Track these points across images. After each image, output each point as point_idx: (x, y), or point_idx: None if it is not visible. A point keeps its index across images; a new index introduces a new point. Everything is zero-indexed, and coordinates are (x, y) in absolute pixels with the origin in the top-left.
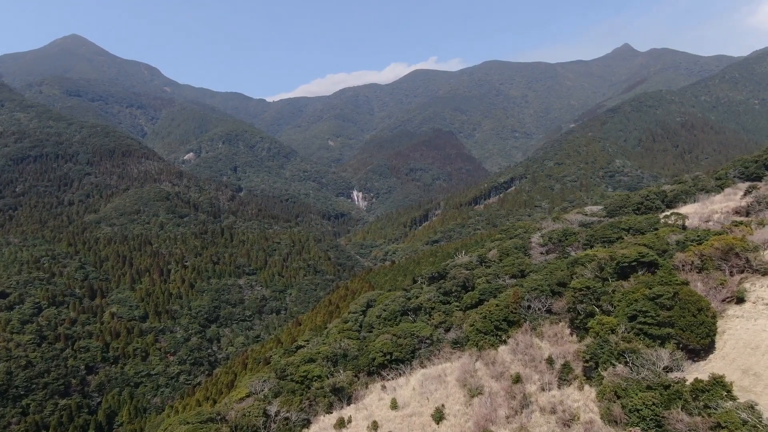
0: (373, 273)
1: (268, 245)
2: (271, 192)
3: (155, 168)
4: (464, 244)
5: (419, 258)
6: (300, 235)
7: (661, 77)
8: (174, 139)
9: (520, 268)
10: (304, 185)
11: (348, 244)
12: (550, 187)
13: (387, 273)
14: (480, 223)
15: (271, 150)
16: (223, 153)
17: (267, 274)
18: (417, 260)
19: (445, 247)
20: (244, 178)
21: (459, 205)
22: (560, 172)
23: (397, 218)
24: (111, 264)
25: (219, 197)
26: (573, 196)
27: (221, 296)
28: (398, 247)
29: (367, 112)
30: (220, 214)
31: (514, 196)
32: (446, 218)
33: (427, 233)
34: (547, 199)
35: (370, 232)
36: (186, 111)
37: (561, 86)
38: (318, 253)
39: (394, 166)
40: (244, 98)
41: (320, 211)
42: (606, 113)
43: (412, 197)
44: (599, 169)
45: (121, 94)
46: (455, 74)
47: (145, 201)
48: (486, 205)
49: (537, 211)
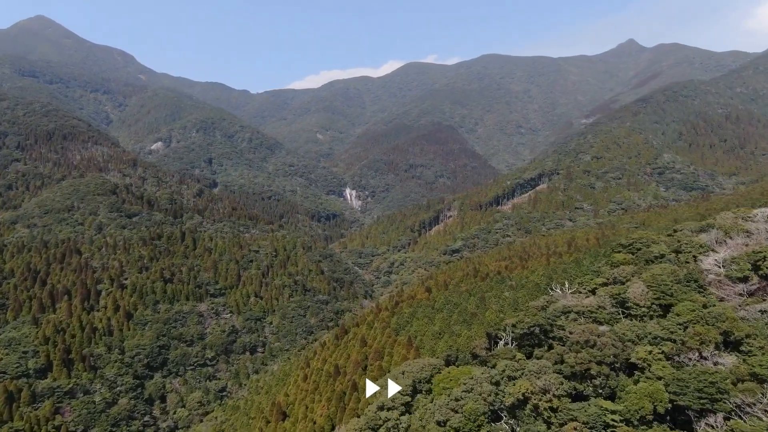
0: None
1: (242, 255)
2: (252, 188)
3: (103, 154)
4: (507, 256)
5: (461, 280)
6: (285, 241)
7: (676, 72)
8: (142, 127)
9: (725, 330)
10: (290, 181)
11: (343, 252)
12: (590, 185)
13: (422, 311)
14: (509, 228)
15: (253, 141)
16: (197, 143)
17: (239, 296)
18: (464, 287)
19: (485, 262)
20: (220, 171)
21: (478, 205)
22: (599, 167)
23: (401, 221)
24: (14, 283)
25: (182, 192)
26: (620, 197)
27: (172, 330)
28: (407, 256)
29: (359, 105)
30: (183, 213)
31: (548, 196)
32: (465, 221)
33: (443, 239)
34: (588, 199)
35: (369, 237)
36: (158, 97)
37: (566, 81)
38: (308, 265)
39: (391, 161)
40: (226, 89)
41: (308, 211)
42: (637, 104)
43: (413, 196)
44: (645, 165)
45: (86, 78)
46: (452, 67)
47: (82, 195)
48: (514, 206)
49: (579, 214)
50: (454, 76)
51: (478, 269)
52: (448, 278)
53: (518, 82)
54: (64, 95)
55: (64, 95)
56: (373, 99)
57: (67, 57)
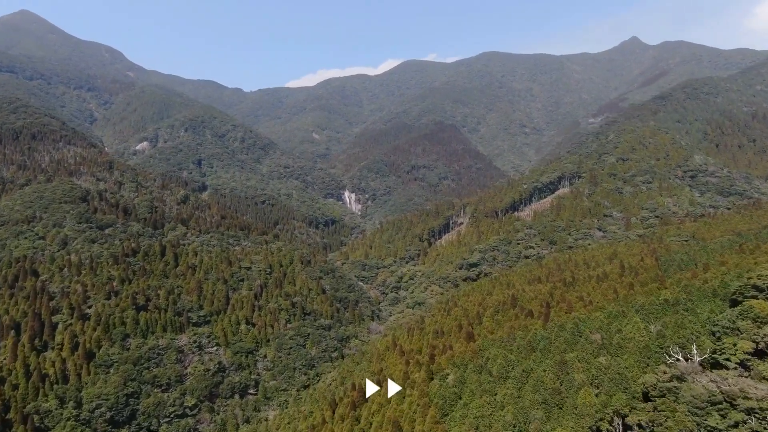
0: (437, 367)
1: (231, 273)
2: (244, 191)
3: (76, 156)
4: (543, 277)
5: (499, 312)
6: (280, 255)
7: (685, 70)
8: (127, 126)
9: None
10: (285, 184)
11: (345, 264)
12: (617, 190)
13: (473, 376)
14: (532, 239)
15: (246, 141)
16: (186, 143)
17: (228, 323)
18: (522, 335)
19: (517, 284)
20: (210, 173)
21: (493, 212)
22: (626, 170)
23: (407, 228)
24: None
25: (165, 198)
26: (653, 203)
27: (143, 372)
28: (417, 270)
29: (356, 104)
30: (164, 223)
31: (571, 202)
32: (480, 230)
33: (457, 251)
34: (618, 205)
35: (373, 247)
36: (145, 95)
37: (569, 79)
38: (307, 283)
39: (392, 162)
40: (218, 87)
41: (305, 217)
42: (655, 101)
43: (416, 200)
44: (675, 167)
45: (70, 74)
46: (451, 65)
47: (47, 203)
48: (535, 213)
49: (608, 223)
50: (453, 74)
51: (516, 298)
52: (480, 308)
53: (520, 81)
54: (44, 92)
55: (44, 92)
56: (371, 98)
57: (51, 53)
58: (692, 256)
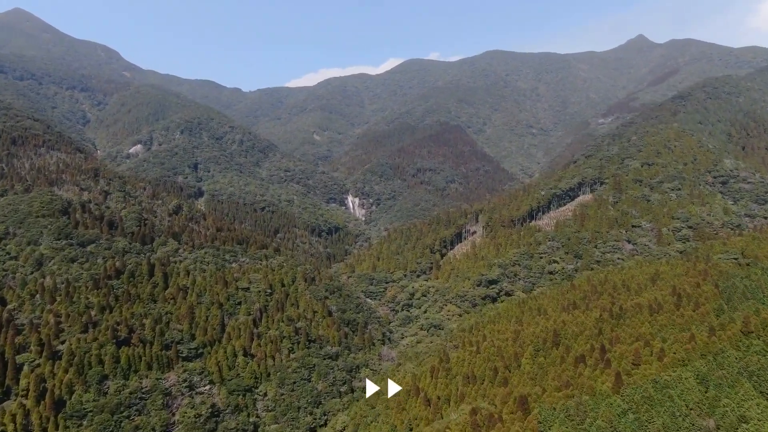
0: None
1: (227, 295)
2: (243, 197)
3: (59, 163)
4: (579, 301)
5: (540, 353)
6: (281, 272)
7: (695, 68)
8: (121, 128)
9: None
10: (285, 188)
11: (351, 277)
12: (644, 197)
13: None
14: (556, 252)
15: (245, 143)
16: (181, 145)
17: (223, 356)
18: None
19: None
20: (207, 178)
21: (510, 221)
22: (652, 175)
23: (417, 238)
24: None
25: (155, 209)
26: (684, 212)
27: (123, 423)
28: (430, 285)
29: (357, 104)
30: (154, 237)
31: (595, 210)
32: (498, 241)
33: (474, 265)
34: (646, 215)
35: (381, 258)
36: (140, 95)
37: (575, 78)
38: (311, 305)
39: (397, 165)
40: (216, 86)
41: (308, 225)
42: (674, 101)
43: (423, 205)
44: (705, 172)
45: (63, 74)
46: (454, 64)
47: (22, 217)
48: (557, 223)
49: (638, 234)
50: (457, 73)
51: (558, 333)
52: (516, 345)
53: (525, 80)
54: (35, 93)
55: (35, 93)
56: (372, 97)
57: (44, 52)
58: (756, 281)
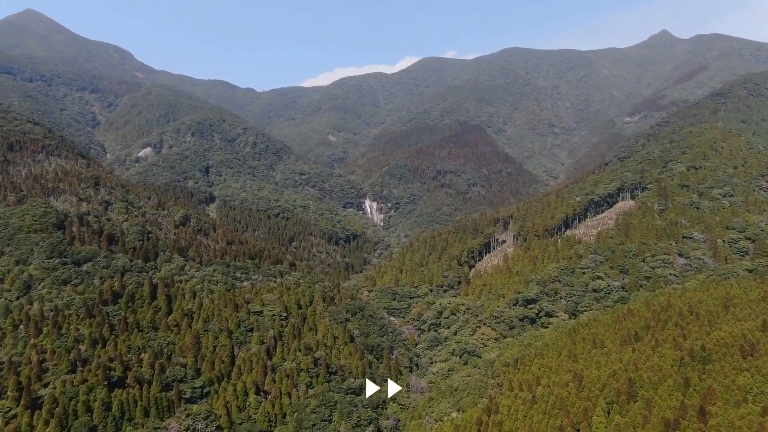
0: None
1: (238, 320)
2: (256, 203)
3: (58, 170)
4: (640, 332)
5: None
6: (298, 291)
7: (725, 64)
8: (131, 130)
9: None
10: (300, 193)
11: (372, 291)
12: (693, 204)
13: None
14: (600, 267)
15: (258, 145)
16: (192, 148)
17: (232, 395)
18: None
19: (614, 348)
20: (219, 182)
21: (544, 230)
22: (700, 180)
23: (443, 248)
24: None
25: (160, 220)
26: (740, 221)
27: None
28: (459, 303)
29: (373, 104)
30: (158, 252)
31: (640, 219)
32: (533, 253)
33: (508, 281)
34: (698, 224)
35: (404, 271)
36: (152, 96)
37: (598, 76)
38: (331, 329)
39: (416, 167)
40: (230, 87)
41: (324, 232)
42: (712, 99)
43: (445, 210)
44: (757, 176)
45: (73, 75)
46: (471, 62)
47: (12, 232)
48: (598, 234)
49: (690, 246)
50: (474, 71)
51: (633, 382)
52: (582, 397)
53: (545, 78)
54: (43, 94)
55: (43, 94)
56: (388, 97)
57: (56, 53)
58: None
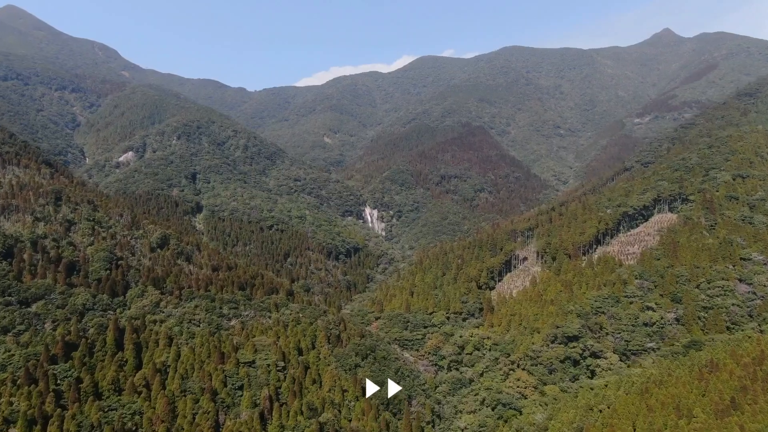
0: None
1: (225, 376)
2: (247, 213)
3: (14, 183)
4: (723, 396)
5: None
6: (297, 331)
7: (735, 63)
8: (112, 132)
9: None
10: (296, 201)
11: (379, 318)
12: (746, 219)
13: None
14: (648, 295)
15: (249, 149)
16: (178, 153)
17: None
18: None
19: None
20: (207, 190)
21: (575, 248)
22: (749, 191)
23: (458, 267)
24: None
25: (133, 243)
26: None
27: None
28: (483, 336)
29: (369, 104)
30: (128, 284)
31: (687, 237)
32: (566, 277)
33: (541, 311)
34: (755, 242)
35: (415, 294)
36: (136, 96)
37: (602, 75)
38: (339, 381)
39: (418, 172)
40: (220, 86)
41: (323, 246)
42: (740, 99)
43: (451, 218)
44: None
45: (53, 74)
46: (470, 61)
47: None
48: (642, 254)
49: (751, 269)
50: (473, 70)
51: None
52: None
53: (547, 77)
54: (18, 94)
55: (18, 94)
56: (385, 96)
57: (36, 50)
58: None
